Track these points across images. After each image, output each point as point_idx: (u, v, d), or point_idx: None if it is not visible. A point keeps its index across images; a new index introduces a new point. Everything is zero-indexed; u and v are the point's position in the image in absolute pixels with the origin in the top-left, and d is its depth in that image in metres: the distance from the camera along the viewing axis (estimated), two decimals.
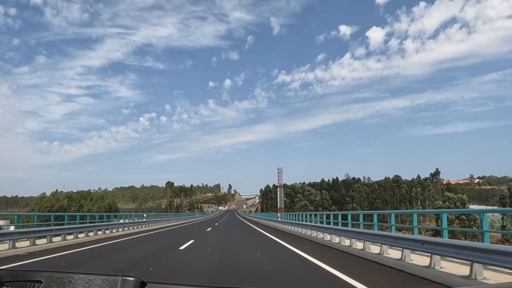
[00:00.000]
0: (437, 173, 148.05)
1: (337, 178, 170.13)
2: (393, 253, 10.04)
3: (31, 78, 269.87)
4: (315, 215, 26.17)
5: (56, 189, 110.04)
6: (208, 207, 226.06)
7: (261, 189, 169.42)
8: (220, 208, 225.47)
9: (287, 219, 31.76)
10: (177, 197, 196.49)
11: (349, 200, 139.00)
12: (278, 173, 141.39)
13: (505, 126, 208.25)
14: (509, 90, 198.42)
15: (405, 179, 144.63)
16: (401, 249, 9.00)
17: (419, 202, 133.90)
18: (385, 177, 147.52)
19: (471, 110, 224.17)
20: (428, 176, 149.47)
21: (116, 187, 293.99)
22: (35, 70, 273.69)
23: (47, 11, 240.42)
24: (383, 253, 10.16)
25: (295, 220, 28.35)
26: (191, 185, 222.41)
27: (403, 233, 15.19)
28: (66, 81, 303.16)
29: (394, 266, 8.81)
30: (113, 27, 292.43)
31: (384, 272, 8.24)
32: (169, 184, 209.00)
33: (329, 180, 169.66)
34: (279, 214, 43.42)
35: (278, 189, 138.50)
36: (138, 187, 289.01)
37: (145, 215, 41.75)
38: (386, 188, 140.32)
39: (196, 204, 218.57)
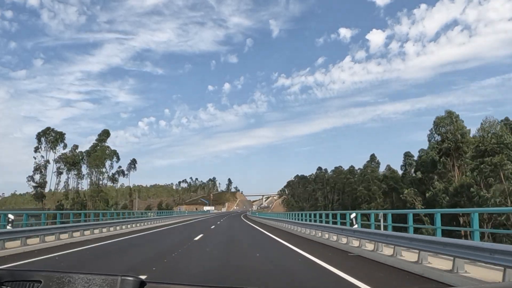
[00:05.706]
0: None
1: None
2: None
3: (30, 83, 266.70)
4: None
5: None
6: (196, 209, 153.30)
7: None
8: (206, 209, 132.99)
9: None
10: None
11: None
12: None
13: None
14: (509, 94, 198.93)
15: None
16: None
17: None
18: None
19: (470, 114, 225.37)
20: None
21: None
22: (34, 75, 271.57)
23: (43, 13, 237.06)
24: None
25: None
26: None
27: None
28: (65, 86, 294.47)
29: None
30: (112, 32, 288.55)
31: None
32: (100, 151, 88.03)
33: None
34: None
35: None
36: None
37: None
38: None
39: (172, 206, 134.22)
